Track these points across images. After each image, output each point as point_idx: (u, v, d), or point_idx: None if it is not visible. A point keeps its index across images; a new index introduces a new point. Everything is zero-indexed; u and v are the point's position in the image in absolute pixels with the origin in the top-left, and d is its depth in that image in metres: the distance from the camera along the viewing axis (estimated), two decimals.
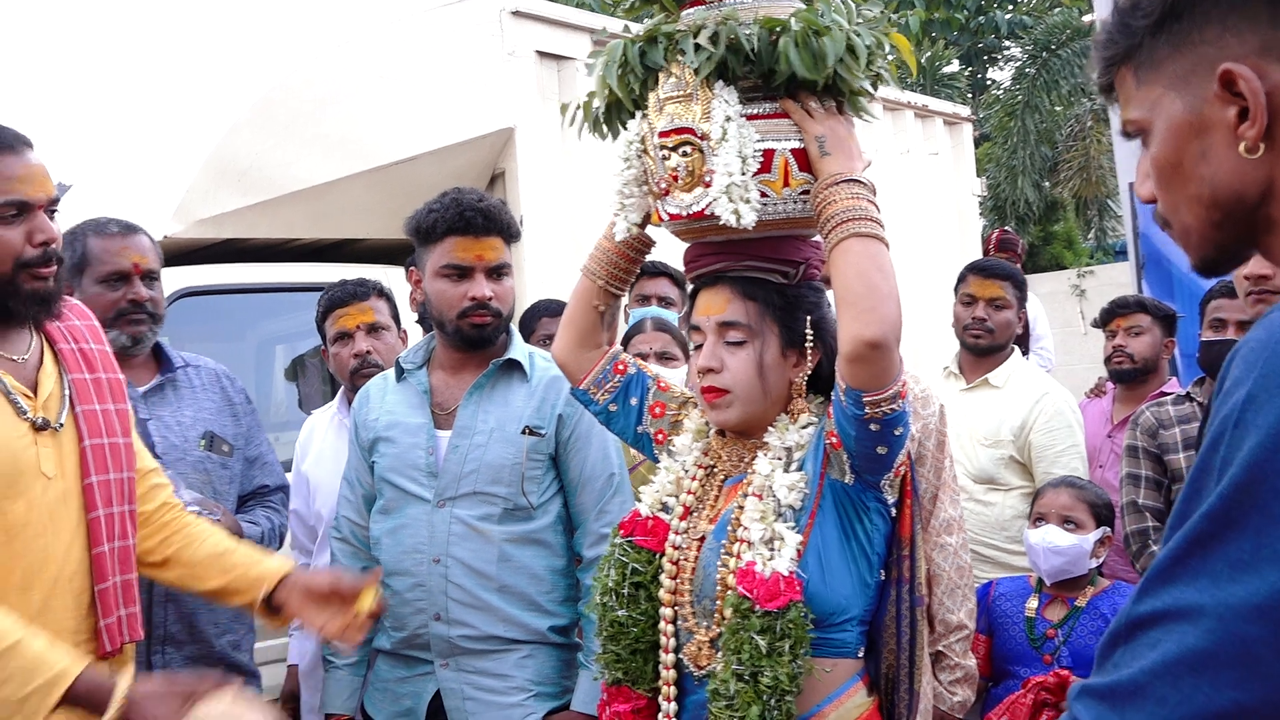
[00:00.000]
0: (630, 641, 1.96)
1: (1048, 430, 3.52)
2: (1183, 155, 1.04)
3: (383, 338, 3.28)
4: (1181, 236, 1.07)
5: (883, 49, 1.89)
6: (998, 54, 18.40)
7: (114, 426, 2.12)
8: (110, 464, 2.09)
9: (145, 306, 2.68)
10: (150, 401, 2.70)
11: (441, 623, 2.51)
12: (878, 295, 1.71)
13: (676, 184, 1.89)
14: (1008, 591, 3.06)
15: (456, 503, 2.53)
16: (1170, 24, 1.02)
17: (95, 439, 2.07)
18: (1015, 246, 6.13)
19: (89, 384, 2.11)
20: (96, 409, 2.09)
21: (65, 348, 2.12)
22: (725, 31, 1.79)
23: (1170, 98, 1.04)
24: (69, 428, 2.05)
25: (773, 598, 1.75)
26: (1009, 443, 3.55)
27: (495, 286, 2.57)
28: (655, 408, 2.15)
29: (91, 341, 2.18)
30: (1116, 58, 1.08)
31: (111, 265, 2.67)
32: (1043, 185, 15.31)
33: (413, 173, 4.62)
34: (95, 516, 2.03)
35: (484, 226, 2.54)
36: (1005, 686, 2.90)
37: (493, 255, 2.56)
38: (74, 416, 2.06)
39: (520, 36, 4.91)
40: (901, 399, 1.74)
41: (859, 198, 1.77)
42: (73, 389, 2.08)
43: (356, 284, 3.32)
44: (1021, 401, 3.57)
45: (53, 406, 2.04)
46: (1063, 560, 2.90)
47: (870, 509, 1.86)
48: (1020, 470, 3.56)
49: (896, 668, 1.92)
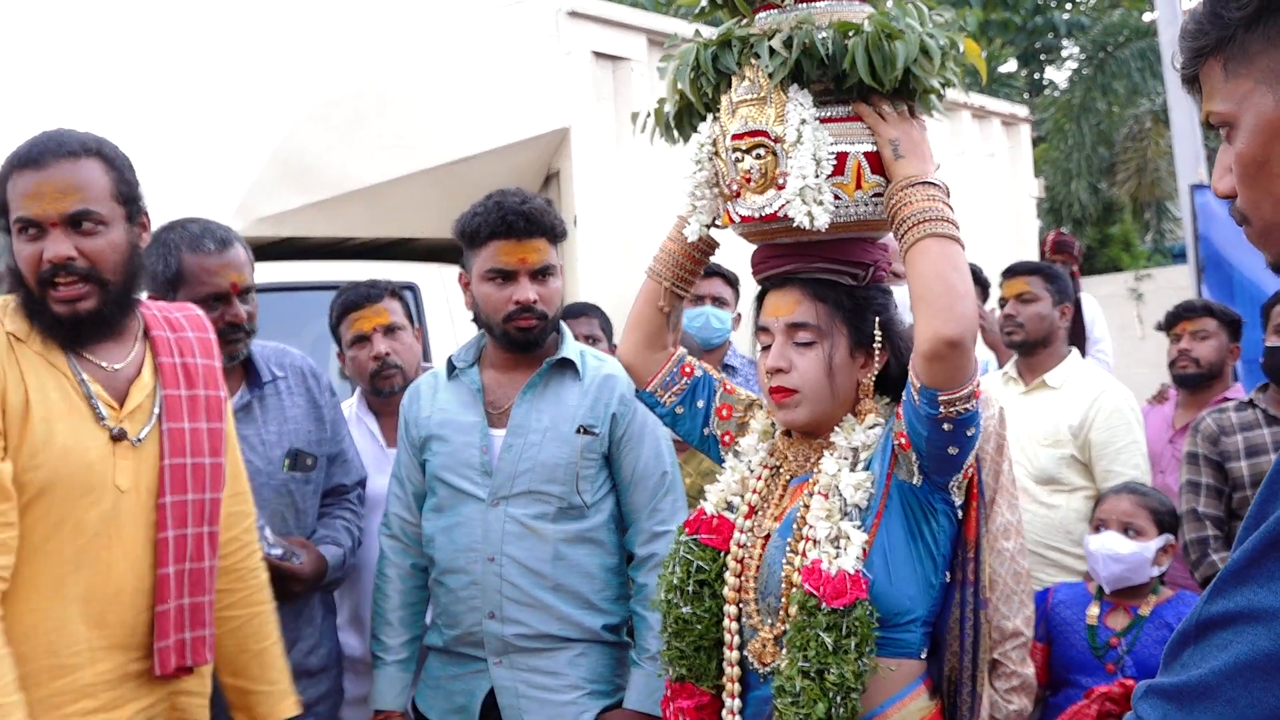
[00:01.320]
0: (694, 638, 1.98)
1: (1107, 427, 3.48)
2: (1270, 153, 1.01)
3: (400, 338, 3.25)
4: (1261, 234, 1.05)
5: (956, 49, 1.91)
6: (1055, 54, 18.18)
7: (202, 446, 2.10)
8: (191, 484, 2.07)
9: (244, 326, 2.61)
10: (237, 420, 2.60)
11: (495, 621, 2.53)
12: (955, 294, 1.73)
13: (749, 186, 1.91)
14: (1067, 598, 3.02)
15: (511, 501, 2.54)
16: (1266, 18, 1.00)
17: (177, 458, 2.06)
18: (1072, 249, 6.03)
19: (183, 400, 2.09)
20: (185, 427, 2.08)
21: (167, 361, 2.11)
22: (800, 36, 1.80)
23: (1261, 92, 1.01)
24: (151, 443, 2.04)
25: (839, 595, 1.76)
26: (1069, 441, 3.51)
27: (540, 289, 2.56)
28: (722, 410, 2.16)
29: (199, 356, 2.17)
30: (1206, 48, 1.05)
31: (210, 286, 2.56)
32: (1100, 187, 15.10)
33: (469, 172, 4.65)
34: (164, 537, 2.02)
35: (526, 229, 2.54)
36: (1065, 696, 2.86)
37: (536, 258, 2.56)
38: (160, 432, 2.05)
39: (576, 37, 4.93)
40: (975, 399, 1.76)
41: (934, 199, 1.79)
42: (164, 405, 2.06)
43: (369, 286, 3.29)
44: (1079, 400, 3.54)
45: (139, 419, 2.03)
46: (1122, 568, 2.86)
47: (937, 510, 1.87)
48: (1082, 470, 3.52)
49: (959, 670, 1.92)
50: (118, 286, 2.03)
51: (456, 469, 2.60)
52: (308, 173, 4.45)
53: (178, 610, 2.03)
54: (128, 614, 1.98)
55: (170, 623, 2.02)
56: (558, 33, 4.89)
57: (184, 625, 2.04)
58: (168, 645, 2.02)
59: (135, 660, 2.01)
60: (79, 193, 1.97)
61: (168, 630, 2.02)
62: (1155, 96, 13.73)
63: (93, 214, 1.98)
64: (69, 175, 1.97)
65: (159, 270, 2.58)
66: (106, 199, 2.00)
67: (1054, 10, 17.30)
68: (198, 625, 2.07)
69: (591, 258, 4.78)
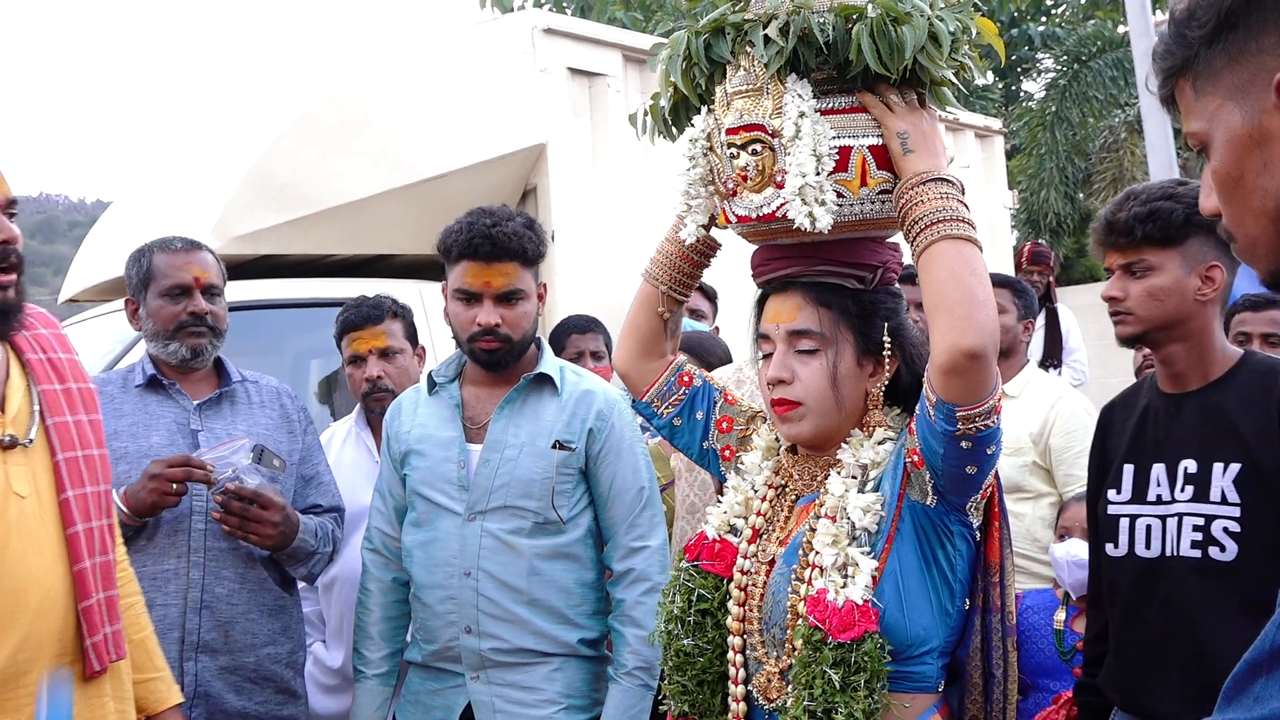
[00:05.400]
0: (697, 672, 1.85)
1: (1065, 433, 3.54)
2: (1244, 168, 0.99)
3: (395, 361, 3.31)
4: (1247, 250, 1.03)
5: (968, 34, 1.76)
6: (1030, 66, 18.31)
7: (88, 438, 2.03)
8: (86, 477, 2.00)
9: (206, 320, 2.72)
10: (205, 413, 2.72)
11: (472, 635, 2.53)
12: (974, 302, 1.59)
13: (745, 184, 1.77)
14: (1035, 604, 3.04)
15: (487, 516, 2.55)
16: (1225, 34, 0.98)
17: (69, 452, 1.97)
18: (1047, 259, 6.10)
19: (60, 395, 2.01)
20: (69, 420, 2.00)
21: (33, 358, 2.01)
22: (798, 21, 1.67)
23: (1229, 109, 0.99)
24: (40, 442, 1.96)
25: (846, 628, 1.63)
26: (1030, 449, 3.57)
27: (505, 312, 2.57)
28: (722, 422, 2.05)
29: (60, 350, 2.07)
30: (1175, 69, 1.04)
31: (174, 279, 2.72)
32: (1075, 197, 15.20)
33: (446, 188, 4.66)
34: (74, 532, 1.94)
35: (492, 253, 2.53)
36: (1034, 700, 2.88)
37: (502, 281, 2.55)
38: (45, 430, 1.96)
39: (552, 54, 4.95)
40: (997, 414, 1.63)
41: (948, 197, 1.66)
42: (43, 401, 1.98)
43: (371, 306, 3.34)
44: (1038, 407, 3.61)
45: (22, 421, 1.95)
46: (1085, 574, 2.89)
47: (954, 533, 1.73)
48: (1045, 477, 3.58)
49: (986, 704, 1.79)
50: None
51: (434, 484, 2.60)
52: (284, 190, 4.45)
53: (99, 604, 1.96)
54: (54, 618, 1.89)
55: (96, 616, 1.95)
56: (534, 50, 4.91)
57: (105, 619, 1.97)
58: (100, 639, 1.95)
59: (69, 663, 1.92)
60: None
61: (96, 624, 1.94)
62: (1129, 107, 13.85)
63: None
64: None
65: (133, 273, 2.77)
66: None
67: (1029, 22, 17.45)
68: (114, 619, 2.00)
69: (569, 273, 4.79)
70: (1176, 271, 2.11)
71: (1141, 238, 2.13)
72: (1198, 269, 2.11)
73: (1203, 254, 2.11)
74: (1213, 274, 2.11)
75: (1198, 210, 2.08)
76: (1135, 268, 2.15)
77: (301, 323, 4.64)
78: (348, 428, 3.43)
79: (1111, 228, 2.18)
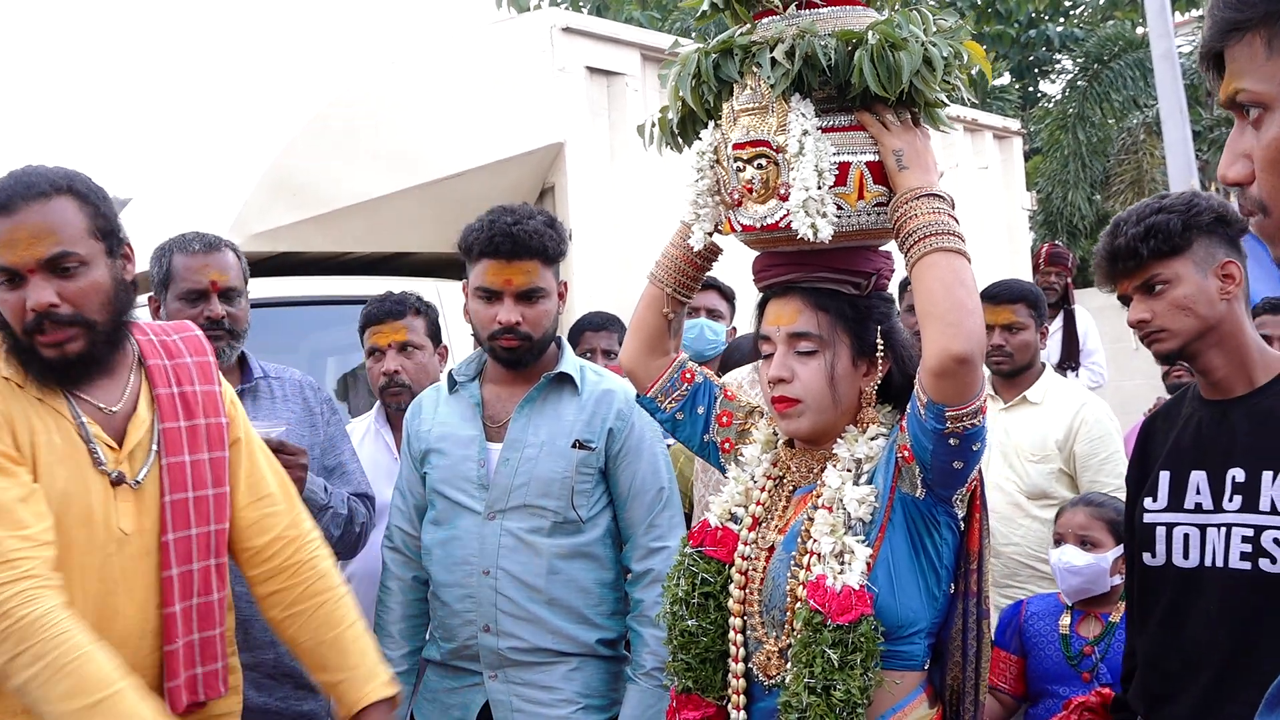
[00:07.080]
0: (700, 650, 1.99)
1: (1089, 439, 3.52)
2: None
3: (414, 356, 3.30)
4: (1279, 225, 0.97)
5: (960, 59, 1.89)
6: (1049, 67, 18.23)
7: (204, 478, 2.05)
8: (194, 518, 2.02)
9: (222, 324, 2.69)
10: None
11: (490, 634, 2.53)
12: (963, 310, 1.73)
13: (750, 196, 1.91)
14: (1040, 610, 3.03)
15: (506, 515, 2.55)
16: None
17: (178, 493, 2.00)
18: (1065, 260, 6.05)
19: (182, 432, 2.04)
20: (185, 460, 2.02)
21: (164, 393, 2.05)
22: (803, 46, 1.79)
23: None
24: (151, 481, 1.99)
25: (845, 611, 1.77)
26: (1056, 455, 3.55)
27: (526, 310, 2.56)
28: (722, 416, 2.17)
29: (199, 383, 2.11)
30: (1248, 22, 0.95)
31: (190, 283, 2.70)
32: (1094, 198, 15.12)
33: (464, 187, 4.67)
34: (169, 575, 1.97)
35: (513, 251, 2.52)
36: (1045, 706, 2.86)
37: (522, 280, 2.55)
38: (159, 468, 2.00)
39: (570, 53, 4.96)
40: (983, 414, 1.76)
41: (939, 212, 1.79)
42: (163, 440, 2.01)
43: (395, 301, 3.34)
44: (1062, 414, 3.58)
45: (138, 457, 1.98)
46: (1080, 580, 2.87)
47: (940, 523, 1.88)
48: (1071, 483, 3.56)
49: (962, 680, 1.93)
50: (106, 325, 1.97)
51: (454, 482, 2.60)
52: (302, 189, 4.47)
53: (187, 647, 1.98)
54: (135, 658, 1.91)
55: (179, 661, 1.97)
56: (552, 48, 4.92)
57: (194, 661, 1.99)
58: (178, 684, 1.97)
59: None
60: (53, 235, 1.90)
61: (177, 669, 1.97)
62: (1148, 109, 13.78)
63: (71, 255, 1.91)
64: (40, 218, 1.89)
65: (155, 272, 2.76)
66: (83, 237, 1.93)
67: (1048, 23, 17.37)
68: (209, 659, 2.02)
69: (586, 271, 4.79)
70: (1194, 277, 2.08)
71: (1148, 255, 2.10)
72: (1213, 270, 2.08)
73: (1212, 255, 2.09)
74: (1230, 270, 2.08)
75: (1192, 215, 2.09)
76: (1152, 284, 2.11)
77: (319, 320, 4.66)
78: (368, 424, 3.44)
79: (1115, 255, 2.16)
